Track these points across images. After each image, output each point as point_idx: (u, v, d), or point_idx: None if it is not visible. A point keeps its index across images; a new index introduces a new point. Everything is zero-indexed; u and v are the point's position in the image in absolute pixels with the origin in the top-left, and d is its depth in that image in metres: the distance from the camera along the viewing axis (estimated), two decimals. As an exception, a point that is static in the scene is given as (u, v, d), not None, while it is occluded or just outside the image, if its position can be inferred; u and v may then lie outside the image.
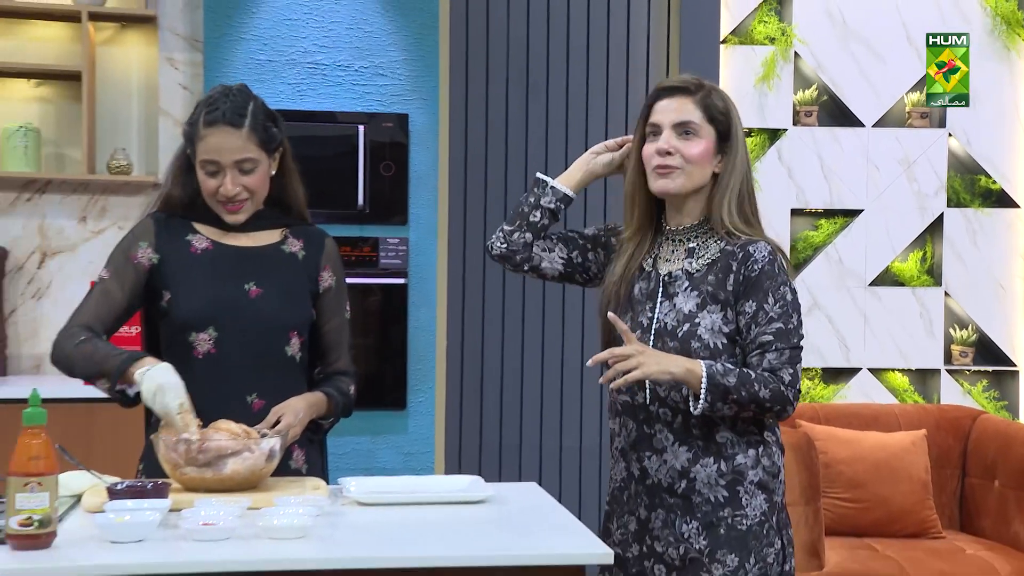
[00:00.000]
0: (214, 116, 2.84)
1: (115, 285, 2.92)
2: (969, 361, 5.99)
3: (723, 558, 2.79)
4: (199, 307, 2.90)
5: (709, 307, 2.80)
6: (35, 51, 5.22)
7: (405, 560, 2.27)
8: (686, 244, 2.89)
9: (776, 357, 2.76)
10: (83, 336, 2.84)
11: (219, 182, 2.87)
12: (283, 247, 3.02)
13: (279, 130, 2.95)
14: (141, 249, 2.93)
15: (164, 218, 2.98)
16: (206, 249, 2.95)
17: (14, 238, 5.19)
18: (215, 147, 2.84)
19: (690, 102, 2.86)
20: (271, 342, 2.95)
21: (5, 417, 4.50)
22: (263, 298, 2.94)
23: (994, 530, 4.92)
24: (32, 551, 2.20)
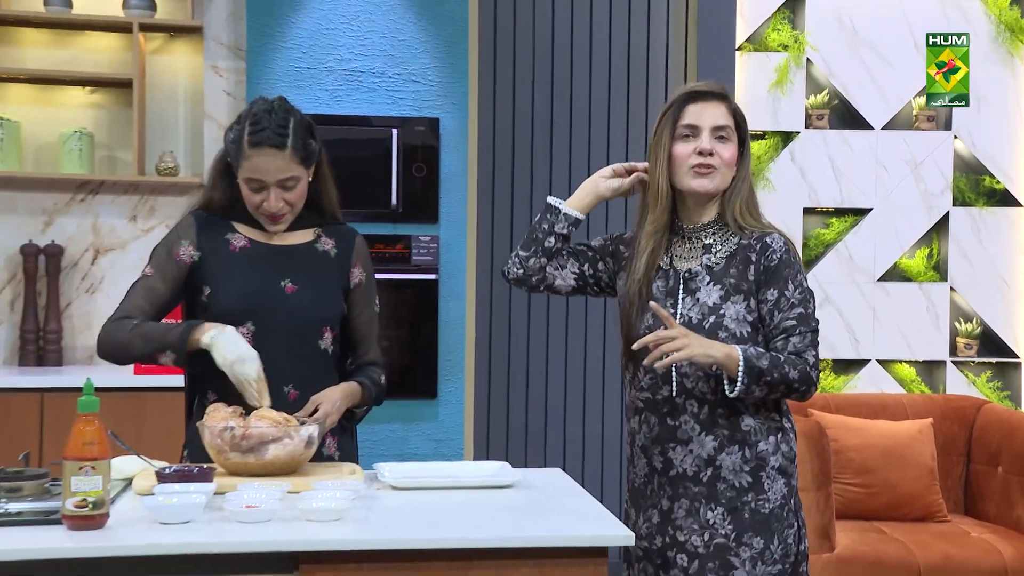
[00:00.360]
0: (259, 138, 2.82)
1: (158, 281, 2.93)
2: (974, 353, 5.95)
3: (749, 541, 2.80)
4: (237, 302, 2.90)
5: (733, 298, 2.82)
6: (89, 60, 5.24)
7: (437, 542, 2.26)
8: (702, 241, 2.89)
9: (800, 340, 2.79)
10: (135, 321, 2.86)
11: (263, 197, 2.87)
12: (316, 246, 3.03)
13: (316, 142, 2.94)
14: (183, 247, 2.93)
15: (205, 216, 2.99)
16: (244, 247, 2.96)
17: (69, 236, 5.20)
18: (260, 168, 2.84)
19: (724, 108, 2.89)
20: (305, 336, 2.96)
21: (61, 404, 4.57)
22: (298, 295, 2.95)
23: (997, 514, 4.89)
24: (86, 531, 2.22)
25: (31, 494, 2.42)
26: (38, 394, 4.58)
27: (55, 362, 5.07)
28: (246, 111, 2.91)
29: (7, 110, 5.13)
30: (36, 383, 4.63)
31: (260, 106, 2.90)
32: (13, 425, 4.52)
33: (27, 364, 5.05)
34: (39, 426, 4.55)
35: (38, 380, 4.66)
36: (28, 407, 4.56)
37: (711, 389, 2.79)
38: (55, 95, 5.23)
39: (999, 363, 5.96)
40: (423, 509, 2.52)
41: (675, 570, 2.83)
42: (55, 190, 5.19)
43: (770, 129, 5.80)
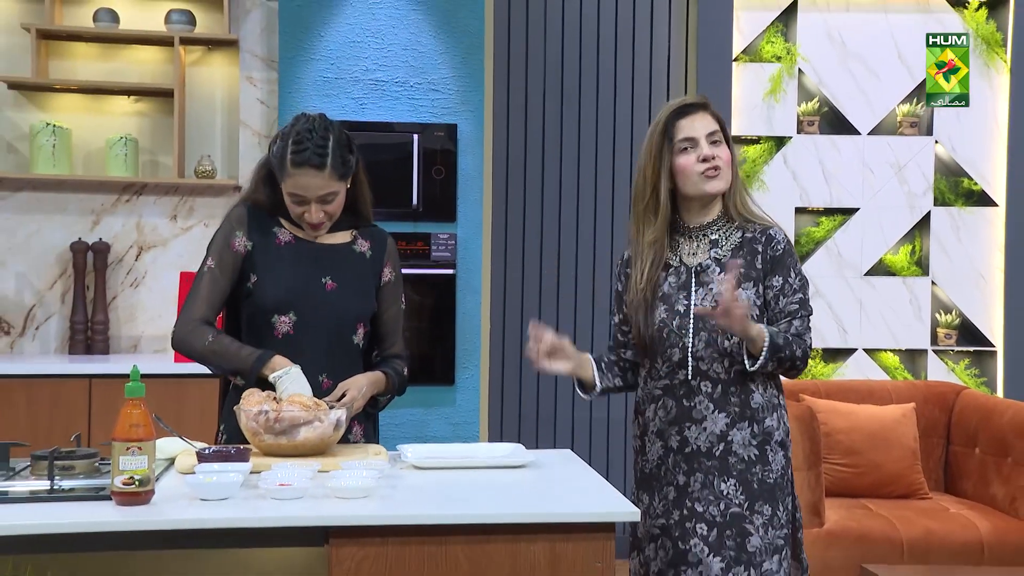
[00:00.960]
0: (301, 158, 2.82)
1: (220, 273, 2.93)
2: (953, 343, 5.92)
3: (760, 508, 2.84)
4: (282, 293, 2.91)
5: (744, 285, 2.85)
6: (134, 72, 5.23)
7: (457, 518, 2.26)
8: (708, 237, 2.92)
9: (800, 323, 2.88)
10: (210, 336, 2.86)
11: (304, 210, 2.88)
12: (354, 247, 3.03)
13: (354, 155, 2.93)
14: (238, 238, 2.94)
15: (254, 209, 2.99)
16: (289, 242, 2.97)
17: (115, 234, 5.19)
18: (302, 185, 2.84)
19: (709, 115, 2.93)
20: (342, 330, 2.97)
21: (108, 390, 4.58)
22: (337, 292, 2.95)
23: (975, 491, 4.85)
24: (133, 506, 2.22)
25: (82, 472, 2.43)
26: (86, 380, 4.58)
27: (102, 351, 5.07)
28: (289, 128, 2.90)
29: (59, 118, 5.13)
30: (85, 370, 4.63)
31: (303, 125, 2.89)
32: (64, 409, 4.53)
33: (76, 353, 5.05)
34: (87, 410, 4.56)
35: (87, 367, 4.67)
36: (78, 392, 4.56)
37: (724, 369, 2.84)
38: (103, 104, 5.22)
39: (976, 352, 5.93)
40: (443, 487, 2.51)
41: (695, 539, 2.84)
42: (102, 191, 5.18)
43: (764, 134, 5.78)
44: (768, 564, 2.83)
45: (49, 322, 5.15)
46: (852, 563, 4.21)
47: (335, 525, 2.21)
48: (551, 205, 5.70)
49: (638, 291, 2.92)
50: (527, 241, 5.69)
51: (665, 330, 2.88)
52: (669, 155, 2.90)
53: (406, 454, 2.78)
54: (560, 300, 5.72)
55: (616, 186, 5.71)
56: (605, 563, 2.27)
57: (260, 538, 2.23)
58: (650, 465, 2.95)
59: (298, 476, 2.38)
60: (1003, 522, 4.49)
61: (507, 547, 2.25)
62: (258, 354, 2.83)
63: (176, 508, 2.24)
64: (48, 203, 5.15)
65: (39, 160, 5.01)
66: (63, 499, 2.29)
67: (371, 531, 2.22)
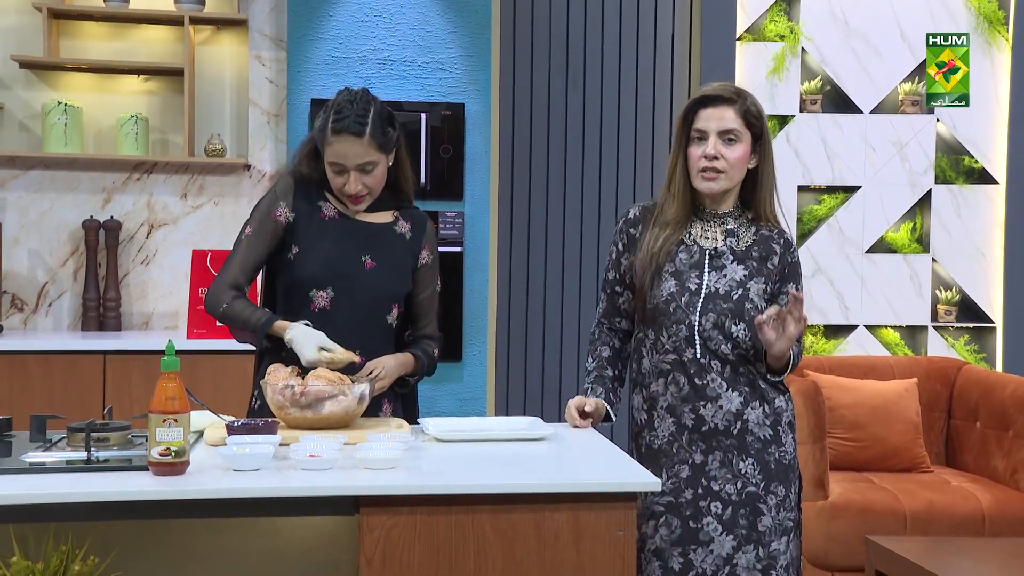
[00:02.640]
0: (340, 125, 2.86)
1: (257, 240, 2.96)
2: (953, 319, 5.99)
3: (775, 489, 2.89)
4: (322, 268, 2.95)
5: (755, 277, 2.92)
6: (144, 51, 5.26)
7: (483, 487, 2.31)
8: (724, 226, 2.97)
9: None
10: (229, 300, 2.91)
11: (344, 180, 2.91)
12: (395, 228, 3.06)
13: (395, 130, 2.96)
14: (280, 208, 2.97)
15: (302, 180, 3.01)
16: (333, 218, 3.00)
17: (126, 212, 5.24)
18: (341, 153, 2.88)
19: (731, 111, 2.91)
20: (377, 309, 3.01)
21: (121, 365, 4.65)
22: (376, 271, 2.99)
23: (976, 465, 4.93)
24: (170, 476, 2.28)
25: (116, 444, 2.49)
26: (101, 356, 4.64)
27: (114, 327, 5.12)
28: (332, 101, 2.94)
29: (70, 97, 5.16)
30: (99, 346, 4.68)
31: (344, 97, 2.93)
32: (79, 384, 4.59)
33: (89, 329, 5.10)
34: (102, 385, 4.62)
35: (101, 344, 4.71)
36: (92, 368, 4.62)
37: (731, 350, 2.88)
38: (113, 83, 5.25)
39: (976, 328, 6.00)
40: (466, 459, 2.57)
41: (708, 517, 2.88)
42: (113, 170, 5.22)
43: (767, 113, 5.78)
44: (776, 544, 2.89)
45: (62, 299, 5.20)
46: (856, 535, 4.29)
47: (366, 494, 2.27)
48: (556, 183, 5.75)
49: (650, 253, 2.95)
50: (533, 219, 5.75)
51: (672, 304, 2.92)
52: (685, 142, 2.95)
53: (428, 427, 2.83)
54: (565, 277, 5.78)
55: (620, 164, 5.77)
56: (627, 531, 2.33)
57: (293, 507, 2.29)
58: (660, 441, 2.95)
59: (327, 448, 2.44)
60: (1004, 494, 4.57)
61: (532, 516, 2.31)
62: (268, 316, 2.88)
63: (211, 478, 2.29)
64: (60, 181, 5.19)
65: (51, 139, 5.05)
66: (99, 470, 2.34)
67: (400, 500, 2.28)
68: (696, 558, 2.89)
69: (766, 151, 2.95)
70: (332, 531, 2.50)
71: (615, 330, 3.11)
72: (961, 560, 3.57)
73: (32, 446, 2.49)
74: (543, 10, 5.72)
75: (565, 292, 5.78)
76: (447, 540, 2.29)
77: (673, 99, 5.77)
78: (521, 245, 5.74)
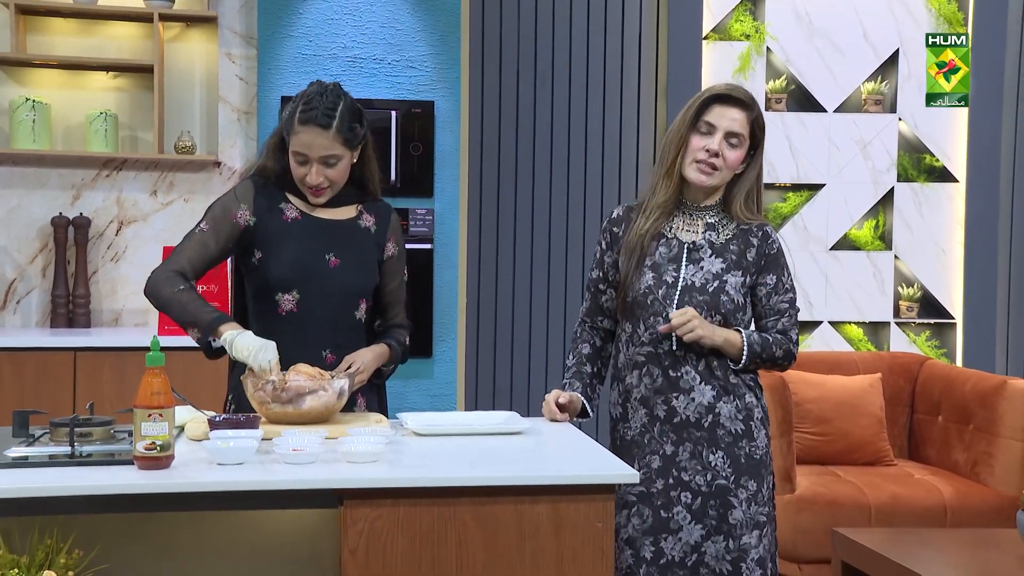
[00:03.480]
0: (308, 116, 2.87)
1: (211, 237, 2.95)
2: (915, 315, 6.09)
3: (745, 483, 2.94)
4: (287, 272, 2.95)
5: (733, 271, 2.96)
6: (113, 48, 5.25)
7: (465, 480, 2.35)
8: (704, 220, 3.02)
9: (788, 320, 3.02)
10: (182, 285, 2.88)
11: (306, 171, 2.92)
12: (359, 222, 3.07)
13: (362, 127, 2.96)
14: (241, 210, 2.97)
15: (262, 183, 3.01)
16: (295, 218, 3.00)
17: (96, 209, 5.23)
18: (306, 143, 2.88)
19: (745, 117, 2.98)
20: (344, 306, 3.02)
21: (92, 362, 4.65)
22: (341, 268, 3.00)
23: (937, 458, 5.02)
24: (155, 471, 2.30)
25: (99, 439, 2.51)
26: (71, 353, 4.64)
27: (84, 324, 5.12)
28: (303, 91, 2.95)
29: (38, 93, 5.15)
30: (70, 343, 4.68)
31: (315, 88, 2.94)
32: (50, 380, 4.59)
33: (58, 326, 5.09)
34: (72, 381, 4.62)
35: (71, 340, 4.72)
36: (63, 364, 4.62)
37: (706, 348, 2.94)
38: (82, 79, 5.25)
39: (937, 324, 6.10)
40: (447, 452, 2.60)
41: (678, 507, 2.94)
42: (83, 167, 5.22)
43: (733, 112, 5.88)
44: (747, 538, 2.94)
45: (30, 296, 5.19)
46: (822, 527, 4.35)
47: (350, 487, 2.30)
48: (525, 180, 5.80)
49: (637, 237, 3.01)
50: (502, 216, 5.79)
51: (649, 297, 2.97)
52: (688, 129, 2.99)
53: (406, 421, 2.87)
54: (534, 275, 5.82)
55: (588, 161, 5.81)
56: (605, 523, 2.38)
57: (278, 500, 2.32)
58: (632, 432, 3.02)
59: (309, 442, 2.46)
60: (965, 486, 4.66)
61: (513, 508, 2.35)
62: (216, 315, 2.86)
63: (196, 472, 2.32)
64: (29, 178, 5.18)
65: (19, 135, 5.04)
66: (84, 464, 2.36)
67: (383, 493, 2.31)
68: (666, 546, 2.95)
69: (755, 161, 3.03)
70: (313, 524, 2.53)
71: (596, 328, 3.16)
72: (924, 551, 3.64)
73: (15, 441, 2.51)
74: (512, 9, 5.76)
75: (534, 289, 5.83)
76: (430, 532, 2.33)
77: (640, 97, 5.83)
78: (491, 242, 5.78)
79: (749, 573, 2.95)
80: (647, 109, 5.83)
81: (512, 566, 2.36)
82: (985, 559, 3.46)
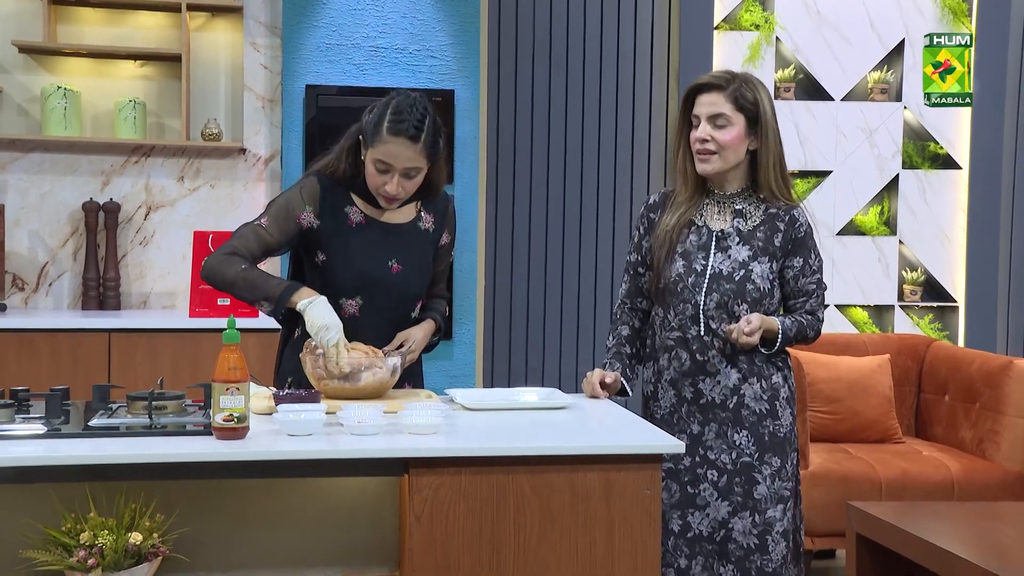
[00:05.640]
0: (399, 127, 2.89)
1: (272, 233, 3.01)
2: (918, 298, 6.24)
3: (769, 460, 3.09)
4: (352, 278, 3.03)
5: (760, 258, 3.09)
6: (141, 37, 5.37)
7: (521, 450, 2.50)
8: (732, 207, 3.15)
9: (816, 301, 3.16)
10: (243, 264, 2.95)
11: (385, 180, 2.95)
12: (419, 224, 3.14)
13: (442, 142, 3.01)
14: (305, 212, 3.02)
15: (329, 184, 3.05)
16: (360, 223, 3.06)
17: (125, 195, 5.35)
18: (392, 154, 2.91)
19: (721, 96, 3.09)
20: (402, 308, 3.13)
21: (125, 343, 4.78)
22: (402, 275, 3.08)
23: (944, 435, 5.17)
24: (233, 441, 2.44)
25: (173, 411, 2.65)
26: (106, 334, 4.78)
27: (114, 306, 5.24)
28: (389, 98, 2.97)
29: (69, 81, 5.27)
30: (104, 324, 4.81)
31: (404, 100, 2.95)
32: (85, 360, 4.72)
33: (89, 308, 5.21)
34: (107, 361, 4.75)
35: (105, 322, 4.84)
36: (98, 345, 4.74)
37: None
38: (111, 68, 5.36)
39: (939, 307, 6.26)
40: (500, 425, 2.75)
41: (705, 484, 3.10)
42: (112, 153, 5.34)
43: (743, 100, 6.02)
44: (772, 512, 3.09)
45: (62, 279, 5.32)
46: (835, 501, 4.51)
47: (414, 456, 2.45)
48: (541, 166, 5.93)
49: (665, 232, 3.15)
50: (520, 202, 5.92)
51: (680, 284, 3.12)
52: (688, 128, 3.16)
53: (456, 397, 3.02)
54: (548, 260, 5.96)
55: (601, 148, 5.95)
56: (652, 490, 2.54)
57: (343, 468, 2.46)
58: (662, 411, 3.18)
59: (371, 415, 2.60)
60: (971, 463, 4.81)
61: (566, 476, 2.50)
62: (287, 284, 2.93)
63: (272, 442, 2.46)
64: (60, 164, 5.30)
65: (51, 122, 5.16)
66: (162, 434, 2.51)
67: (445, 462, 2.46)
68: (693, 520, 3.11)
69: (765, 132, 3.09)
70: (376, 491, 2.68)
71: (636, 310, 3.30)
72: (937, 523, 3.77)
73: (95, 413, 2.65)
74: (528, 1, 5.88)
75: (550, 272, 5.96)
76: (489, 498, 2.48)
77: (652, 85, 5.97)
78: (508, 226, 5.91)
79: (775, 545, 3.10)
80: (659, 97, 5.97)
81: (566, 530, 2.51)
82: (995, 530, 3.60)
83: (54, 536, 2.42)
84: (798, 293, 3.17)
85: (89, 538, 2.38)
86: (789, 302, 3.19)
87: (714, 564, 3.09)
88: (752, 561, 3.07)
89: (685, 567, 3.10)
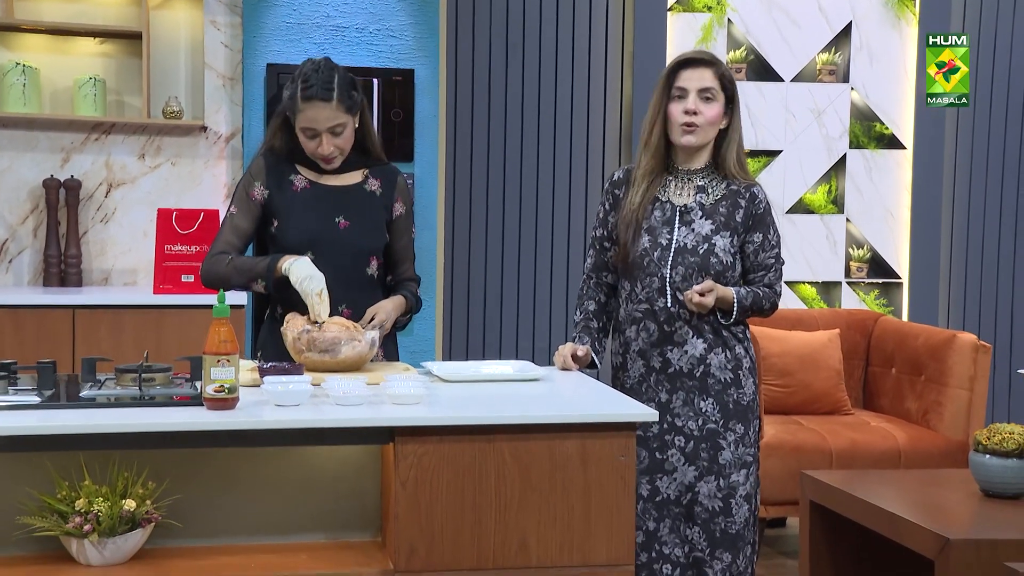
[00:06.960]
0: (310, 92, 3.08)
1: (241, 219, 3.22)
2: (864, 275, 6.41)
3: (734, 427, 3.23)
4: (301, 237, 3.19)
5: (722, 232, 3.22)
6: (100, 14, 5.35)
7: (501, 419, 2.60)
8: (695, 182, 3.27)
9: (774, 275, 3.28)
10: (230, 257, 3.16)
11: (317, 143, 3.14)
12: (365, 186, 3.29)
13: (358, 93, 3.19)
14: (256, 187, 3.22)
15: (273, 158, 3.25)
16: (305, 187, 3.24)
17: (85, 172, 5.35)
18: (312, 118, 3.10)
19: (710, 72, 3.22)
20: (356, 265, 3.25)
21: (89, 319, 4.80)
22: (349, 229, 3.22)
23: (891, 407, 5.35)
24: (223, 411, 2.52)
25: (161, 384, 2.72)
26: (70, 310, 4.80)
27: (75, 283, 5.25)
28: (297, 71, 3.15)
29: (27, 57, 5.25)
30: (69, 301, 4.83)
31: (309, 67, 3.15)
32: (50, 336, 4.73)
33: (51, 285, 5.22)
34: (72, 337, 4.77)
35: (69, 299, 4.86)
36: (62, 321, 4.76)
37: None
38: (70, 45, 5.35)
39: (885, 283, 6.44)
40: (479, 396, 2.85)
41: (672, 449, 3.23)
42: (72, 130, 5.33)
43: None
44: (736, 476, 3.23)
45: (22, 255, 5.32)
46: (788, 470, 4.66)
47: (400, 425, 2.55)
48: (499, 145, 6.01)
49: (631, 211, 3.27)
50: (478, 180, 6.00)
51: (646, 259, 3.24)
52: (666, 100, 3.26)
53: (433, 369, 3.12)
54: (505, 235, 6.05)
55: (557, 124, 6.04)
56: (627, 456, 2.65)
57: (330, 437, 2.55)
58: (631, 381, 3.30)
59: (355, 386, 2.69)
60: (917, 432, 4.99)
61: (545, 444, 2.60)
62: (271, 257, 3.12)
63: (261, 411, 2.54)
64: (19, 141, 5.29)
65: (9, 99, 5.15)
66: (152, 405, 2.58)
67: (430, 430, 2.56)
68: (662, 485, 3.24)
69: (735, 112, 3.27)
70: (357, 460, 2.77)
71: (601, 284, 3.41)
72: (886, 488, 3.91)
73: (85, 385, 2.72)
74: (487, -20, 5.96)
75: (508, 249, 6.05)
76: (471, 465, 2.58)
77: (607, 65, 6.06)
78: (467, 205, 6.00)
79: (737, 508, 3.24)
80: (614, 78, 6.08)
81: (544, 495, 2.61)
82: (940, 495, 3.74)
83: (50, 503, 2.48)
84: (757, 267, 3.29)
85: (84, 505, 2.45)
86: (749, 276, 3.32)
87: (681, 526, 3.23)
88: (716, 523, 3.21)
89: (653, 529, 3.23)
